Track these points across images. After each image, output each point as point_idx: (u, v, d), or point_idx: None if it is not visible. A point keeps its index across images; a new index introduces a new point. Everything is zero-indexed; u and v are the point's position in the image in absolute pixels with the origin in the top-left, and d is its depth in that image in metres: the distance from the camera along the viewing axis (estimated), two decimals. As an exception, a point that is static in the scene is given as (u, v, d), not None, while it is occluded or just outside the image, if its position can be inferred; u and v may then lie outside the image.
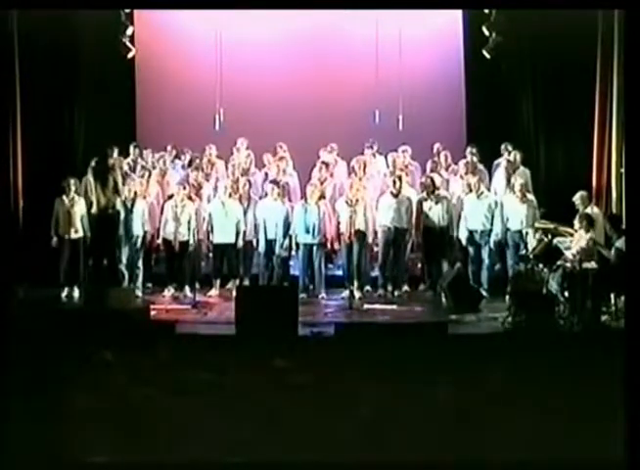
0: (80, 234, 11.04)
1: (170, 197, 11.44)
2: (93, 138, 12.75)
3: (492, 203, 11.06)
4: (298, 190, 11.93)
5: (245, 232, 11.17)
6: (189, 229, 10.99)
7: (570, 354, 6.70)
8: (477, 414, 5.05)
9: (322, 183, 11.51)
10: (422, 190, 11.27)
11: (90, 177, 10.38)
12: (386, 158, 12.31)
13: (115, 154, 11.81)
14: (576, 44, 12.12)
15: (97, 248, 10.50)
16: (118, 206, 10.84)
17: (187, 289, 11.16)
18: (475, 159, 11.77)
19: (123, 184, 11.02)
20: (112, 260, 10.71)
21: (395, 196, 11.07)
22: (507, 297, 10.35)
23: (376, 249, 11.45)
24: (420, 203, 11.14)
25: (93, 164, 10.70)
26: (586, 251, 9.33)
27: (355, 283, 10.94)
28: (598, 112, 12.02)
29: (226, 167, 12.28)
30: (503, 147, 11.95)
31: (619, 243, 9.32)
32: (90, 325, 8.13)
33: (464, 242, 11.08)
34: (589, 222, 9.61)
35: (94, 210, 10.36)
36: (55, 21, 12.09)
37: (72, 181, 11.04)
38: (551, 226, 9.85)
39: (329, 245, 11.13)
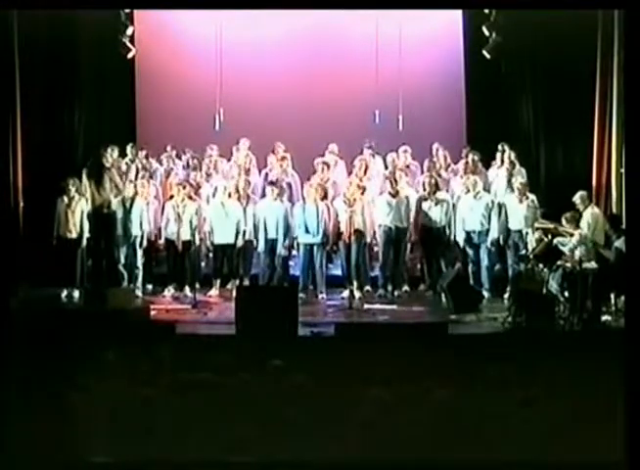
0: (81, 234, 11.04)
1: (171, 197, 11.44)
2: (93, 138, 12.75)
3: (489, 203, 11.04)
4: (300, 190, 11.93)
5: (245, 232, 11.18)
6: (191, 229, 11.00)
7: (570, 354, 6.71)
8: (476, 414, 5.05)
9: (324, 183, 11.52)
10: (424, 189, 11.24)
11: (84, 177, 10.40)
12: (385, 158, 12.30)
13: (116, 154, 11.79)
14: (576, 44, 12.11)
15: (96, 247, 10.50)
16: (115, 206, 10.85)
17: (187, 289, 11.16)
18: (474, 159, 11.76)
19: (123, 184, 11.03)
20: (111, 261, 10.71)
21: (394, 196, 11.08)
22: (507, 297, 10.38)
23: (376, 249, 11.46)
24: (420, 202, 11.14)
25: (88, 163, 10.72)
26: (581, 248, 9.34)
27: (355, 283, 10.94)
28: (598, 112, 12.01)
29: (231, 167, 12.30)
30: (500, 147, 11.94)
31: (619, 243, 9.32)
32: (90, 325, 8.14)
33: (462, 243, 11.08)
34: (577, 222, 9.66)
35: (90, 209, 10.36)
36: (55, 21, 12.09)
37: (73, 181, 11.05)
38: (551, 226, 9.85)
39: (329, 245, 11.12)
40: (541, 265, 9.59)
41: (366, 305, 10.55)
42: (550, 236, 9.71)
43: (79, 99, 12.98)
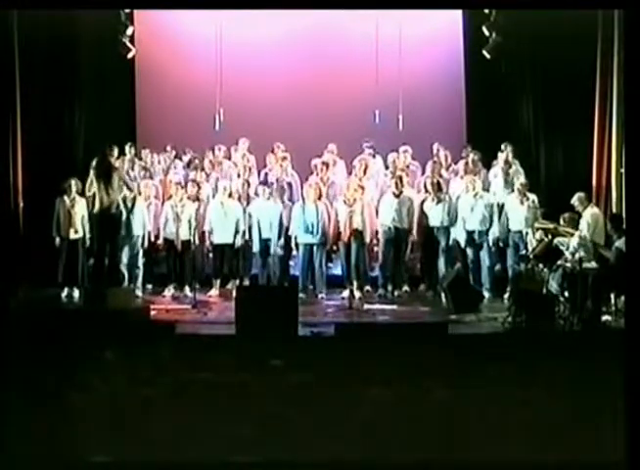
0: (81, 234, 11.05)
1: (170, 197, 11.45)
2: (93, 138, 12.74)
3: (491, 202, 11.06)
4: (300, 190, 11.93)
5: (244, 232, 11.20)
6: (190, 228, 11.02)
7: (570, 354, 6.71)
8: (477, 414, 5.05)
9: (324, 183, 11.53)
10: (426, 189, 11.24)
11: (93, 177, 10.34)
12: (385, 158, 12.30)
13: (115, 154, 11.79)
14: (576, 44, 12.10)
15: (99, 247, 10.47)
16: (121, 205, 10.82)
17: (187, 289, 11.17)
18: (473, 159, 11.76)
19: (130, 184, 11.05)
20: (113, 261, 10.68)
21: (397, 196, 11.09)
22: (507, 297, 10.38)
23: (375, 249, 11.46)
24: (421, 203, 11.15)
25: (94, 163, 10.68)
26: (581, 249, 9.34)
27: (355, 283, 10.94)
28: (598, 112, 12.00)
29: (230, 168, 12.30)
30: (503, 146, 11.93)
31: (619, 243, 9.31)
32: (90, 325, 8.13)
33: (462, 243, 11.09)
34: (575, 223, 9.65)
35: (96, 209, 10.28)
36: (55, 21, 12.08)
37: (74, 181, 11.04)
38: (551, 226, 9.84)
39: (329, 244, 11.13)
40: (541, 265, 9.59)
41: (366, 306, 10.55)
42: (550, 236, 9.71)
43: (79, 99, 12.98)
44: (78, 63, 12.94)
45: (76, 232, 11.03)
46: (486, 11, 12.26)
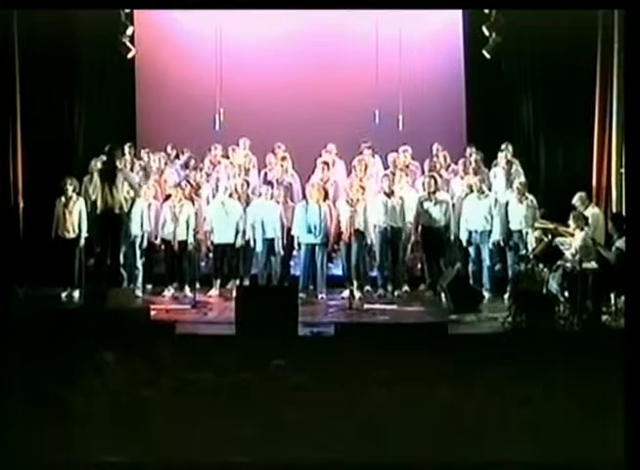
0: (80, 234, 11.03)
1: (168, 197, 11.45)
2: (93, 138, 12.74)
3: (493, 202, 11.06)
4: (300, 190, 11.94)
5: (244, 232, 11.19)
6: (187, 229, 11.03)
7: (570, 354, 6.71)
8: (476, 414, 5.05)
9: (325, 183, 11.53)
10: (424, 189, 11.26)
11: (97, 177, 10.31)
12: (385, 158, 12.30)
13: (120, 154, 11.76)
14: (576, 44, 12.11)
15: (102, 247, 10.44)
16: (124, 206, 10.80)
17: (187, 289, 11.17)
18: (475, 159, 11.76)
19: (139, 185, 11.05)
20: (115, 261, 10.67)
21: (388, 195, 11.08)
22: (507, 297, 10.38)
23: (374, 249, 11.47)
24: (420, 203, 11.15)
25: (99, 164, 10.65)
26: (584, 249, 9.33)
27: (355, 283, 10.95)
28: (598, 112, 12.01)
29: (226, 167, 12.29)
30: (504, 146, 11.93)
31: (620, 243, 9.31)
32: (90, 325, 8.14)
33: (464, 242, 11.09)
34: (584, 222, 9.63)
35: (100, 210, 10.22)
36: (55, 21, 12.08)
37: (69, 181, 11.03)
38: (551, 226, 9.85)
39: (330, 244, 11.13)
40: (541, 265, 9.59)
41: (366, 305, 10.55)
42: (550, 236, 9.71)
43: (79, 99, 12.98)
44: (78, 63, 12.94)
45: (74, 232, 11.01)
46: (486, 11, 12.25)
